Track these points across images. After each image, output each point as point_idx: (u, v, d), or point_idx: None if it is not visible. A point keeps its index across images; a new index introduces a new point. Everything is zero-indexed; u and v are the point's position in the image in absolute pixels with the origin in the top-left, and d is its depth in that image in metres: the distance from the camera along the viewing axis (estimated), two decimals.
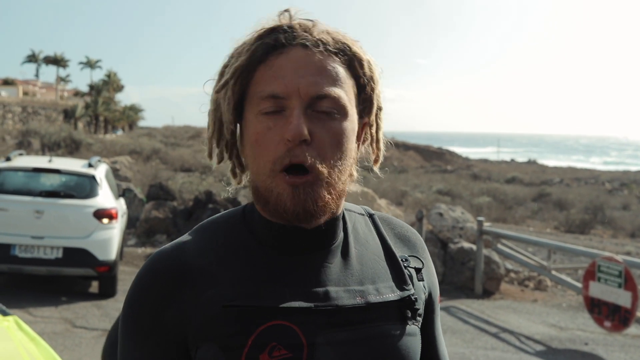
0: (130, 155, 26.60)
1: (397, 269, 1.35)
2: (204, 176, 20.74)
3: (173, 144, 43.09)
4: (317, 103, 1.21)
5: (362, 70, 1.29)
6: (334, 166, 1.22)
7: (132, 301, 1.27)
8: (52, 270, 9.43)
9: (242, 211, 1.35)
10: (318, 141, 1.21)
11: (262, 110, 1.22)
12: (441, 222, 12.89)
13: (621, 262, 8.36)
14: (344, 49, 1.27)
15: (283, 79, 1.21)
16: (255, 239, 1.29)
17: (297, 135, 1.18)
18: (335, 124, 1.23)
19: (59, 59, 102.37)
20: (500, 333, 9.05)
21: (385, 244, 1.38)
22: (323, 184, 1.21)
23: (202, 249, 1.28)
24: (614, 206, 31.34)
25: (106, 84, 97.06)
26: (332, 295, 1.24)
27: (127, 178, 19.12)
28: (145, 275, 1.27)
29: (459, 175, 46.71)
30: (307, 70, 1.22)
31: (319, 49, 1.23)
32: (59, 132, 30.58)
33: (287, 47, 1.24)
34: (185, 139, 55.64)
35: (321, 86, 1.21)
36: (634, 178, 55.65)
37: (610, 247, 17.73)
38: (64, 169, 10.18)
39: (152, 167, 24.02)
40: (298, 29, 1.25)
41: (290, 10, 1.30)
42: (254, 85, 1.25)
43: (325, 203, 1.22)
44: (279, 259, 1.26)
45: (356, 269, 1.30)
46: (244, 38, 1.29)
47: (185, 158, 28.51)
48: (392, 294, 1.30)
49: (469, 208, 22.52)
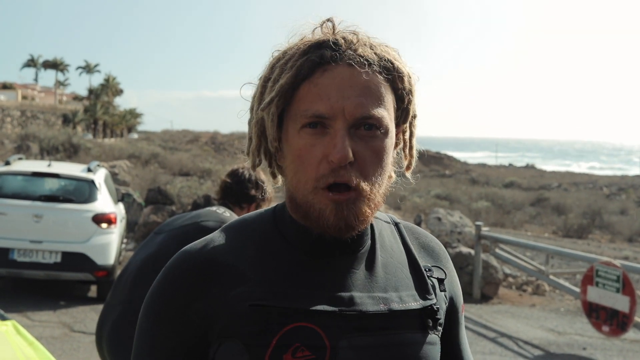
0: (129, 159, 26.58)
1: (420, 278, 1.37)
2: (203, 180, 20.74)
3: (172, 148, 43.09)
4: (361, 123, 1.22)
5: (402, 85, 1.30)
6: (374, 183, 1.24)
7: (159, 292, 1.29)
8: (51, 274, 9.42)
9: (273, 212, 1.37)
10: (361, 160, 1.22)
11: (305, 125, 1.23)
12: (439, 227, 12.90)
13: (619, 266, 8.37)
14: (388, 66, 1.27)
15: (328, 99, 1.21)
16: (285, 241, 1.31)
17: (342, 159, 1.19)
18: (377, 142, 1.24)
19: (57, 64, 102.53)
20: (498, 338, 9.05)
21: (410, 253, 1.40)
22: (365, 200, 1.23)
23: (231, 247, 1.30)
24: (612, 211, 31.42)
25: (105, 88, 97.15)
26: (357, 301, 1.26)
27: (126, 182, 19.12)
28: (174, 269, 1.29)
29: (457, 179, 46.79)
30: (353, 91, 1.22)
31: (364, 68, 1.23)
32: (58, 136, 30.55)
33: (332, 65, 1.24)
34: (183, 143, 55.73)
35: (366, 108, 1.22)
36: (632, 183, 55.78)
37: (608, 252, 17.76)
38: (63, 173, 10.16)
39: (150, 171, 24.03)
40: (343, 45, 1.25)
41: (333, 20, 1.30)
42: (298, 102, 1.25)
43: (365, 218, 1.25)
44: (307, 262, 1.29)
45: (381, 276, 1.32)
46: (285, 47, 1.30)
47: (184, 162, 28.51)
48: (415, 303, 1.31)
49: (467, 212, 22.55)
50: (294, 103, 1.26)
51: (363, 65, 1.23)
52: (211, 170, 24.09)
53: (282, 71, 1.27)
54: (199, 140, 62.71)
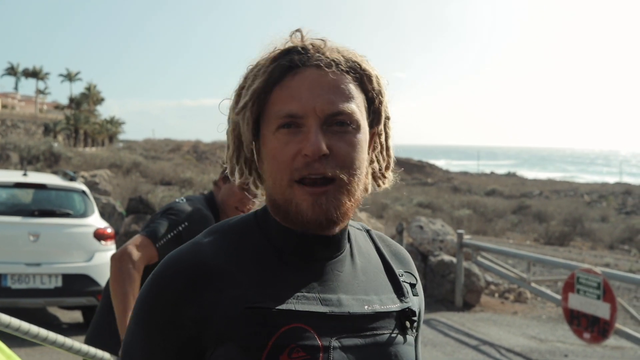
0: (110, 168, 26.43)
1: (395, 282, 1.42)
2: (184, 190, 20.65)
3: (153, 157, 42.90)
4: (333, 119, 1.27)
5: (371, 85, 1.36)
6: (353, 175, 1.28)
7: (148, 298, 1.29)
8: (51, 301, 8.25)
9: (254, 216, 1.39)
10: (337, 153, 1.26)
11: (280, 126, 1.28)
12: (421, 235, 12.92)
13: (600, 274, 8.42)
14: (355, 67, 1.34)
15: (300, 99, 1.27)
16: (270, 244, 1.33)
17: (316, 151, 1.24)
18: (350, 136, 1.28)
19: (38, 72, 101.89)
20: (480, 345, 9.07)
21: (383, 258, 1.45)
22: (344, 191, 1.27)
23: (219, 250, 1.31)
24: (593, 218, 31.63)
25: (86, 96, 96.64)
26: (344, 302, 1.30)
27: (107, 192, 19.00)
28: (164, 273, 1.29)
29: (439, 187, 46.91)
30: (322, 90, 1.28)
31: (331, 68, 1.30)
32: (38, 146, 30.33)
33: (302, 68, 1.30)
34: (165, 152, 55.53)
35: (336, 104, 1.28)
36: (612, 190, 56.18)
37: (589, 259, 17.86)
38: (50, 184, 8.92)
39: (132, 180, 23.88)
40: (311, 50, 1.32)
41: (301, 30, 1.37)
42: (271, 106, 1.31)
43: (346, 210, 1.29)
44: (293, 264, 1.31)
45: (361, 278, 1.37)
46: (258, 59, 1.36)
47: (166, 171, 28.38)
48: (394, 305, 1.36)
49: (450, 221, 22.61)
50: (268, 107, 1.32)
51: (330, 66, 1.30)
52: (193, 180, 23.97)
53: (255, 78, 1.33)
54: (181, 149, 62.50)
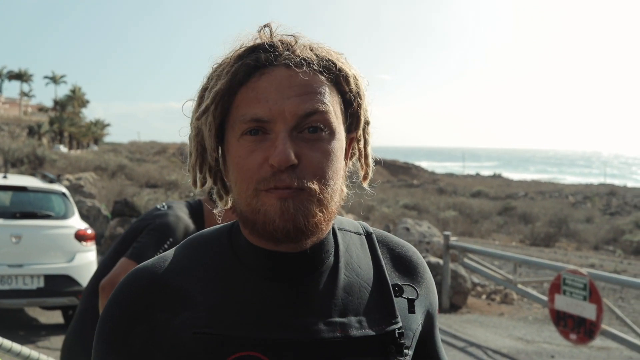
0: (95, 171, 26.30)
1: (386, 299, 1.26)
2: (170, 192, 20.57)
3: (139, 160, 42.74)
4: (304, 122, 1.14)
5: (349, 87, 1.23)
6: (325, 184, 1.15)
7: (105, 316, 1.21)
8: (33, 301, 8.44)
9: (230, 229, 1.28)
10: (307, 163, 1.13)
11: (245, 132, 1.15)
12: (408, 237, 12.93)
13: (586, 275, 8.44)
14: (329, 66, 1.20)
15: (267, 102, 1.14)
16: (238, 261, 1.22)
17: (282, 161, 1.10)
18: (324, 144, 1.15)
19: (22, 74, 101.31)
20: (467, 347, 9.07)
21: (379, 270, 1.30)
22: (314, 200, 1.13)
23: (183, 268, 1.21)
24: (578, 219, 31.80)
25: (71, 99, 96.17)
26: (311, 327, 1.16)
27: (92, 194, 18.90)
28: (122, 291, 1.21)
29: (425, 189, 47.02)
30: (292, 91, 1.14)
31: (302, 68, 1.16)
32: (22, 148, 30.13)
33: (270, 68, 1.17)
34: (151, 154, 55.33)
35: (307, 105, 1.14)
36: (597, 191, 56.54)
37: (574, 260, 17.95)
38: (31, 186, 9.12)
39: (117, 183, 23.78)
40: (280, 47, 1.18)
41: (270, 25, 1.22)
42: (236, 109, 1.17)
43: (316, 221, 1.14)
44: (262, 285, 1.19)
45: (341, 297, 1.22)
46: (223, 57, 1.22)
47: (151, 174, 28.28)
48: (376, 328, 1.21)
49: (436, 222, 22.67)
50: (232, 111, 1.18)
51: (301, 65, 1.16)
52: (178, 182, 23.89)
53: (218, 78, 1.19)
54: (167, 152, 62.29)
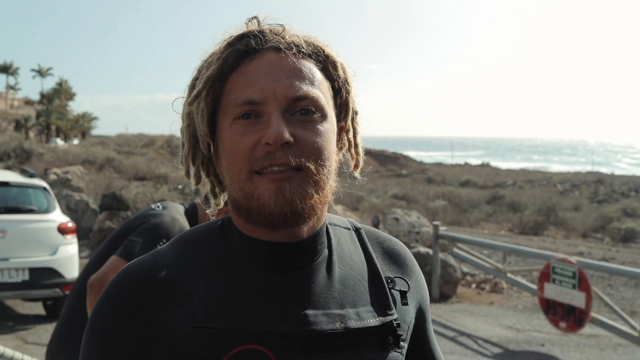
0: (83, 164, 26.14)
1: (380, 291, 1.27)
2: (159, 185, 20.50)
3: (127, 152, 42.56)
4: (296, 105, 1.15)
5: (337, 73, 1.25)
6: (321, 165, 1.16)
7: (97, 314, 1.19)
8: (19, 294, 8.68)
9: (221, 225, 1.27)
10: (301, 143, 1.14)
11: (237, 116, 1.16)
12: (397, 227, 12.94)
13: (575, 263, 8.48)
14: (317, 51, 1.22)
15: (258, 84, 1.15)
16: (234, 255, 1.21)
17: (278, 138, 1.11)
18: (316, 125, 1.16)
19: (8, 67, 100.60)
20: (458, 337, 9.10)
21: (371, 263, 1.30)
22: (311, 181, 1.14)
23: (178, 263, 1.20)
24: (566, 207, 31.95)
25: (58, 92, 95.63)
26: (311, 319, 1.16)
27: (80, 188, 18.81)
28: (115, 287, 1.19)
29: (414, 179, 47.12)
30: (283, 73, 1.16)
31: (292, 51, 1.19)
32: (9, 142, 29.92)
33: (259, 52, 1.19)
34: (139, 147, 55.12)
35: (299, 87, 1.16)
36: (584, 179, 56.84)
37: (563, 248, 18.02)
38: (13, 181, 9.29)
39: (105, 176, 23.66)
40: (269, 34, 1.20)
41: (258, 17, 1.25)
42: (227, 94, 1.19)
43: (313, 202, 1.14)
44: (258, 277, 1.19)
45: (338, 290, 1.22)
46: (213, 48, 1.24)
47: (140, 167, 28.15)
48: (374, 320, 1.22)
49: (425, 212, 22.72)
50: (224, 97, 1.20)
51: (291, 48, 1.19)
52: (167, 175, 23.81)
53: (209, 66, 1.21)
54: (155, 144, 62.10)
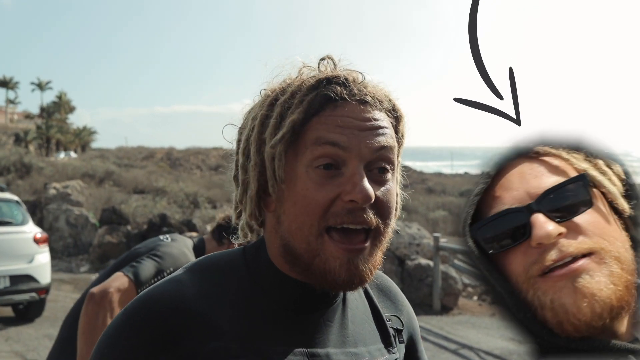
0: (83, 178, 26.12)
1: (384, 330, 1.32)
2: (158, 199, 20.47)
3: (127, 165, 42.55)
4: (376, 162, 1.15)
5: (401, 129, 1.25)
6: (388, 224, 1.18)
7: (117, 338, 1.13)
8: (1, 299, 9.41)
9: (243, 256, 1.25)
10: (380, 202, 1.14)
11: (316, 163, 1.13)
12: (398, 239, 12.90)
13: None
14: (393, 108, 1.22)
15: (344, 130, 1.13)
16: (260, 290, 1.20)
17: (366, 198, 1.10)
18: (390, 185, 1.17)
19: (7, 81, 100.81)
20: (460, 349, 9.05)
21: (372, 303, 1.35)
22: (379, 244, 1.16)
23: (203, 293, 1.16)
24: None
25: (57, 105, 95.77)
26: (333, 358, 1.18)
27: (79, 203, 18.77)
28: (138, 313, 1.14)
29: (414, 189, 46.94)
30: (367, 127, 1.15)
31: (377, 107, 1.18)
32: (9, 156, 29.92)
33: (343, 102, 1.16)
34: (139, 159, 55.10)
35: (382, 145, 1.15)
36: None
37: None
38: None
39: (105, 190, 23.63)
40: (352, 84, 1.18)
41: (332, 57, 1.23)
42: (307, 135, 1.15)
43: (377, 265, 1.18)
44: (284, 315, 1.19)
45: (351, 329, 1.25)
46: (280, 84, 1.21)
47: (139, 180, 28.11)
48: (382, 358, 1.26)
49: (425, 222, 22.67)
50: (302, 138, 1.15)
51: (375, 104, 1.18)
52: (166, 189, 23.78)
53: (289, 107, 1.17)
54: (155, 157, 62.10)
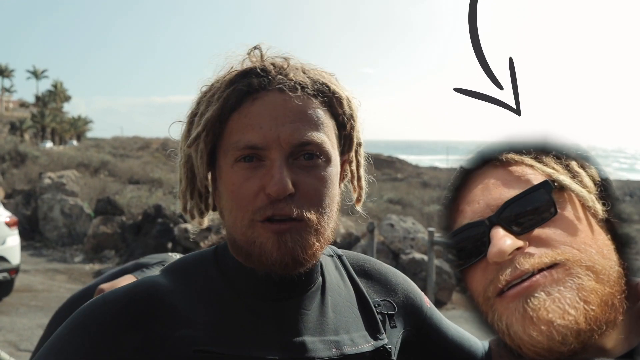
0: (78, 168, 26.05)
1: (370, 316, 1.30)
2: (153, 189, 20.44)
3: (122, 155, 42.49)
4: (300, 150, 1.14)
5: (342, 109, 1.22)
6: (322, 213, 1.16)
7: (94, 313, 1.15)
8: None
9: (214, 254, 1.27)
10: (303, 192, 1.13)
11: (238, 158, 1.14)
12: (392, 233, 12.92)
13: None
14: (323, 89, 1.19)
15: (261, 128, 1.13)
16: (229, 284, 1.21)
17: (281, 191, 1.10)
18: (320, 171, 1.16)
19: (3, 70, 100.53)
20: None
21: (358, 289, 1.33)
22: (312, 231, 1.14)
23: (174, 289, 1.19)
24: None
25: (53, 94, 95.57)
26: (309, 346, 1.17)
27: (74, 193, 18.73)
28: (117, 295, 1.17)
29: (409, 183, 47.08)
30: (287, 117, 1.14)
31: (297, 93, 1.15)
32: (4, 145, 29.84)
33: (262, 92, 1.15)
34: (134, 149, 55.02)
35: (303, 133, 1.13)
36: None
37: None
38: None
39: (100, 180, 23.59)
40: (272, 71, 1.17)
41: (260, 47, 1.21)
42: (228, 135, 1.16)
43: (314, 251, 1.16)
44: (255, 305, 1.19)
45: (331, 316, 1.24)
46: (212, 80, 1.21)
47: (135, 170, 28.09)
48: (367, 345, 1.24)
49: (420, 216, 22.68)
50: (225, 137, 1.17)
51: (295, 89, 1.15)
52: (162, 179, 23.74)
53: (209, 104, 1.18)
54: (150, 147, 61.99)
